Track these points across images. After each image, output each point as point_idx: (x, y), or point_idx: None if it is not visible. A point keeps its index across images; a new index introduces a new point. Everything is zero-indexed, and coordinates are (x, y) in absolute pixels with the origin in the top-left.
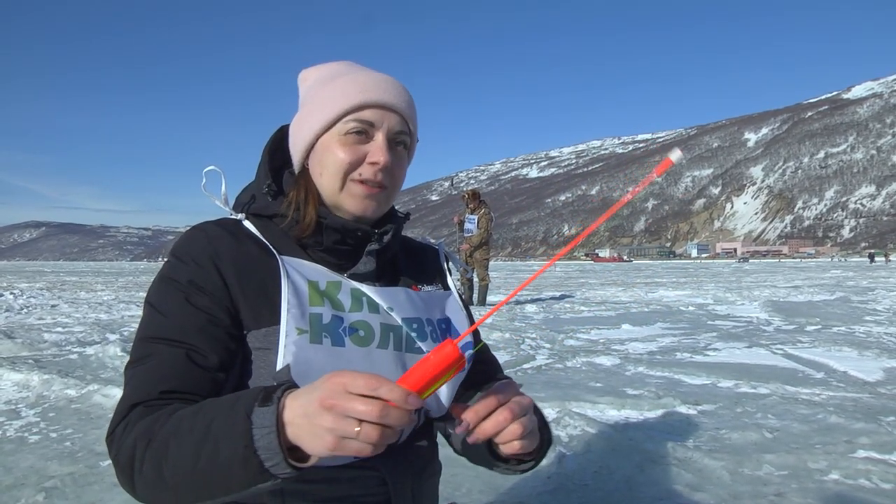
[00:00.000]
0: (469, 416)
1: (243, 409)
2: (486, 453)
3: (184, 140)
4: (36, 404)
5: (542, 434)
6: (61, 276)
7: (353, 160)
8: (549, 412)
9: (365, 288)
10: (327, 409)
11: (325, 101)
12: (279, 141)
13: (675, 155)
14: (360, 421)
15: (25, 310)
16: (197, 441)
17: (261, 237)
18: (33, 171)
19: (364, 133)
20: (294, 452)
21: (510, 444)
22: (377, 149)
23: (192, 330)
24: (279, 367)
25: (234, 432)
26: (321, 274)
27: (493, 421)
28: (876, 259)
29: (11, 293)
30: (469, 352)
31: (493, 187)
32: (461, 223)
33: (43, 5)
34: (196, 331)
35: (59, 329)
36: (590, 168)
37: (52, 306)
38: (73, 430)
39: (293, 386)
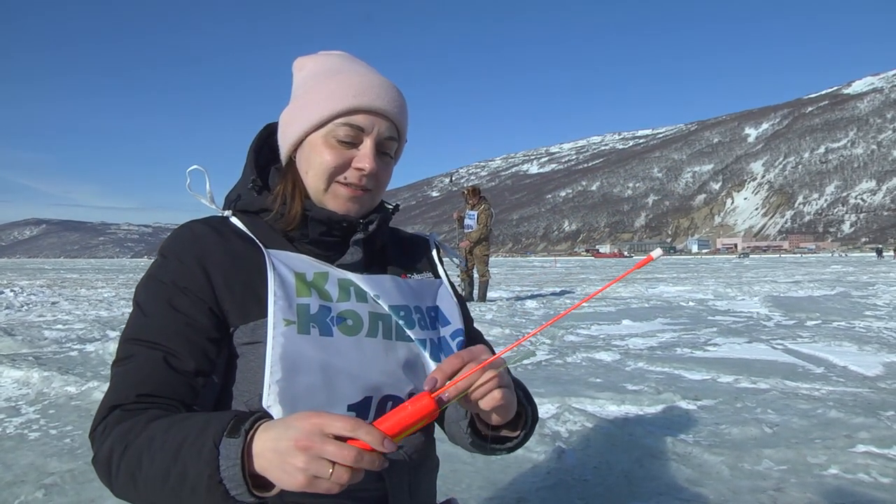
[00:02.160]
0: (437, 374)
1: (212, 437)
2: (466, 432)
3: (184, 137)
4: (36, 401)
5: (525, 410)
6: (62, 273)
7: (340, 164)
8: (549, 408)
9: (352, 276)
10: (302, 450)
11: (317, 100)
12: (265, 139)
13: (657, 253)
14: (333, 462)
15: (26, 307)
16: (167, 460)
17: (247, 232)
18: (34, 169)
19: (353, 137)
20: (258, 479)
21: (490, 396)
22: (364, 155)
23: (170, 333)
24: (268, 359)
25: (201, 459)
26: (308, 265)
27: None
28: (884, 254)
29: (12, 290)
30: (444, 403)
31: (493, 183)
32: (461, 219)
33: (42, 4)
34: (174, 334)
35: (60, 326)
36: (590, 164)
37: (53, 303)
38: (73, 426)
39: (265, 416)
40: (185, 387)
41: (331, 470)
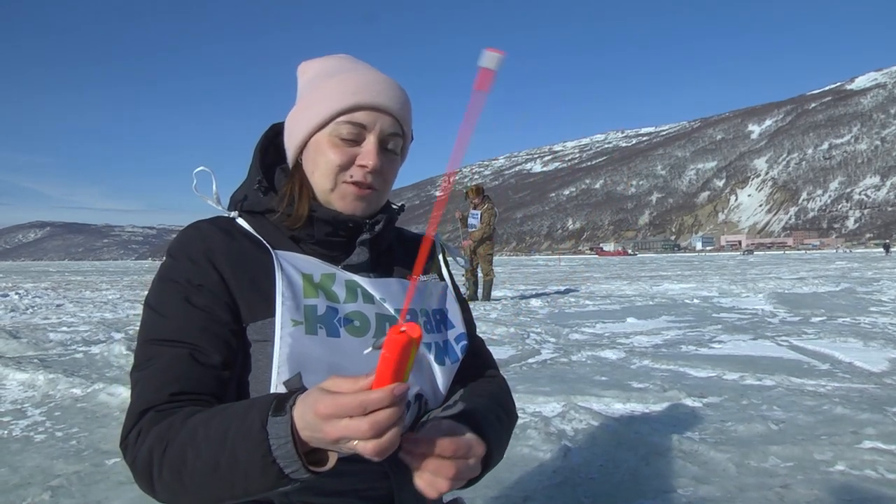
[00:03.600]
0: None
1: (258, 418)
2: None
3: (188, 138)
4: (41, 403)
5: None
6: (66, 275)
7: (343, 162)
8: (555, 406)
9: (358, 279)
10: (333, 440)
11: (319, 100)
12: (271, 138)
13: (488, 58)
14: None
15: (31, 310)
16: (214, 450)
17: (254, 233)
18: (37, 172)
19: (356, 135)
20: (311, 455)
21: (436, 484)
22: (367, 152)
23: (193, 329)
24: (275, 359)
25: (250, 442)
26: (315, 266)
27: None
28: (892, 249)
29: (17, 293)
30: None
31: (496, 182)
32: (464, 219)
33: (43, 3)
34: (198, 330)
35: (65, 328)
36: (594, 162)
37: (58, 306)
38: (78, 428)
39: (302, 391)
40: (215, 380)
41: (356, 442)
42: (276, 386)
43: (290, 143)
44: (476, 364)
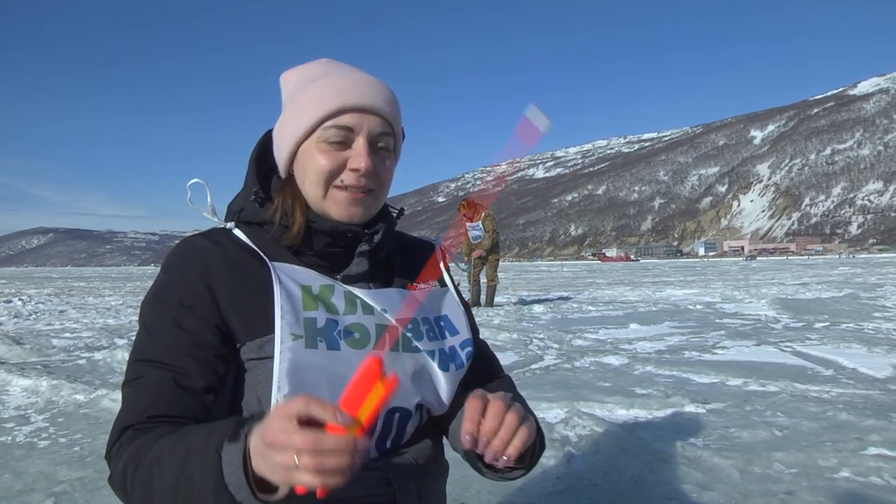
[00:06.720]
0: (470, 426)
1: (214, 444)
2: (474, 458)
3: (191, 144)
4: (45, 410)
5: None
6: (69, 281)
7: (334, 167)
8: (558, 412)
9: (358, 291)
10: (269, 446)
11: (303, 107)
12: (265, 146)
13: (536, 116)
14: (299, 451)
15: (34, 315)
16: (175, 473)
17: (251, 245)
18: (41, 178)
19: (344, 138)
20: (264, 482)
21: (512, 447)
22: (358, 154)
23: (179, 353)
24: (276, 374)
25: (205, 467)
26: (314, 278)
27: (503, 434)
28: None
29: (20, 299)
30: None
31: (498, 188)
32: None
33: (47, 5)
34: (184, 354)
35: (68, 334)
36: (596, 168)
37: (61, 312)
38: (82, 435)
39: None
40: (196, 405)
41: (296, 459)
42: (277, 401)
43: (279, 155)
44: (481, 368)
